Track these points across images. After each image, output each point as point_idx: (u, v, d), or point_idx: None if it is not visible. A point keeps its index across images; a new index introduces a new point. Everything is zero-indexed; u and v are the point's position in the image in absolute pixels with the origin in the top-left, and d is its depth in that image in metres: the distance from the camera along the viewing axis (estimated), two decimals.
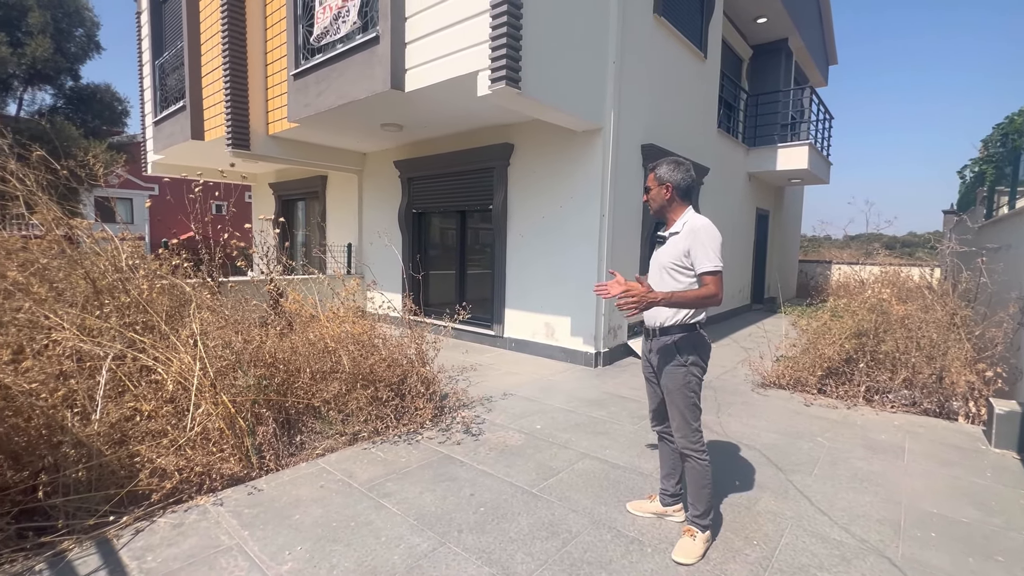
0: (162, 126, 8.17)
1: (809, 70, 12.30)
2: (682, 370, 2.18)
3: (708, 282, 2.06)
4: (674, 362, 2.19)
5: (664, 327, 2.21)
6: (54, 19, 11.08)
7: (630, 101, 5.57)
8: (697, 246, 2.09)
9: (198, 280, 3.94)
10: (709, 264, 2.06)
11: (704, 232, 2.10)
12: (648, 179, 2.31)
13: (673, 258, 2.17)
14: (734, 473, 2.97)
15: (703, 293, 2.05)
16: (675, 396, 2.19)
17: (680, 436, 2.21)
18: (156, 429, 2.70)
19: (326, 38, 5.32)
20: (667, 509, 2.46)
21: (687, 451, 2.21)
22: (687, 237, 2.14)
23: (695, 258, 2.09)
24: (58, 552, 2.03)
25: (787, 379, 4.78)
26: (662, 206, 2.28)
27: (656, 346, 2.25)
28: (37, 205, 3.43)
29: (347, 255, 8.39)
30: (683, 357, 2.18)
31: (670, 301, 2.02)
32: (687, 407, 2.19)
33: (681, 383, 2.18)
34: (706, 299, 2.05)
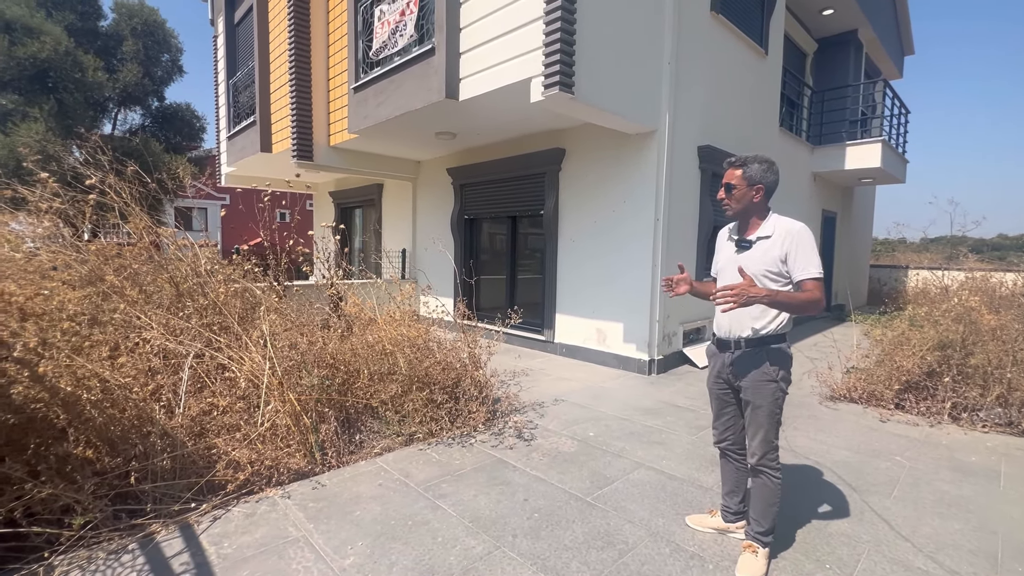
0: (235, 140, 8.77)
1: (882, 62, 11.50)
2: (772, 385, 2.04)
3: (812, 287, 1.93)
4: (765, 376, 2.05)
5: (755, 337, 2.07)
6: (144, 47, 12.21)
7: (686, 102, 5.42)
8: (798, 250, 1.97)
9: (266, 284, 4.19)
10: (813, 269, 1.94)
11: (805, 235, 2.00)
12: (732, 177, 2.12)
13: (766, 265, 2.02)
14: (802, 491, 2.81)
15: (807, 297, 1.92)
16: (761, 412, 2.06)
17: (759, 453, 2.08)
18: (230, 423, 2.89)
19: (384, 52, 5.54)
20: (729, 526, 2.36)
21: (763, 468, 2.09)
22: (783, 242, 2.00)
23: (795, 263, 1.97)
24: (147, 534, 2.20)
25: (860, 392, 4.46)
26: (747, 208, 2.12)
27: (741, 358, 2.11)
28: (131, 215, 3.77)
29: (402, 260, 8.65)
30: (775, 371, 2.04)
31: (773, 300, 1.88)
32: (772, 424, 2.06)
33: (770, 399, 2.04)
34: (810, 304, 1.91)
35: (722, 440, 2.33)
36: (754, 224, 2.13)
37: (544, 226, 6.35)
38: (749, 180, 2.09)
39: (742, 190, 2.10)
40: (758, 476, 2.11)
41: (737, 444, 2.27)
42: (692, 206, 5.78)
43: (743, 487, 2.33)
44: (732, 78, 6.32)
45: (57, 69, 10.47)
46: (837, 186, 10.45)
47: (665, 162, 5.20)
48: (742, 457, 2.26)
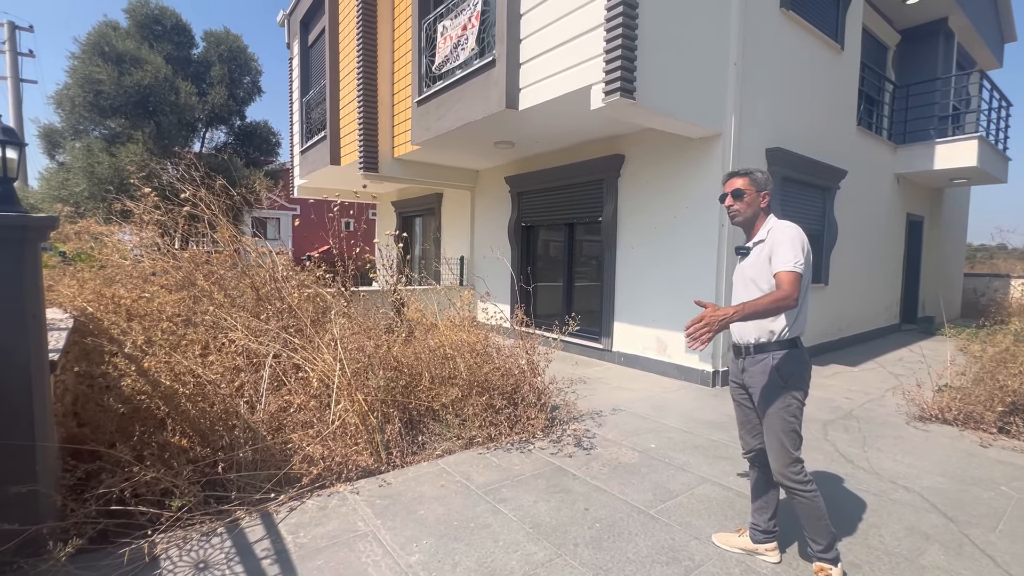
0: (307, 154, 9.35)
1: (977, 51, 10.49)
2: (781, 392, 1.99)
3: (780, 280, 1.87)
4: (773, 383, 2.00)
5: (759, 344, 2.04)
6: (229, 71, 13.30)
7: (753, 103, 5.21)
8: (776, 246, 1.95)
9: (335, 289, 4.41)
10: (783, 264, 1.89)
11: (785, 231, 1.98)
12: (740, 184, 2.12)
13: (759, 268, 2.03)
14: (887, 517, 2.59)
15: (774, 296, 1.85)
16: (773, 420, 2.00)
17: (778, 465, 2.00)
18: (304, 420, 3.06)
19: (446, 66, 5.73)
20: (758, 547, 2.22)
21: (786, 484, 1.99)
22: (770, 241, 2.01)
23: (774, 259, 1.94)
24: (233, 520, 2.38)
25: (955, 413, 4.06)
26: (756, 214, 2.13)
27: (750, 365, 2.07)
28: (218, 225, 4.12)
29: (460, 267, 8.84)
30: (783, 378, 1.99)
31: (743, 314, 1.83)
32: (786, 432, 1.99)
33: (780, 406, 1.99)
34: (778, 302, 1.83)
35: (749, 450, 2.23)
36: (756, 230, 2.13)
37: (602, 233, 6.28)
38: (758, 186, 2.12)
39: (752, 196, 2.12)
40: (790, 496, 2.02)
41: (765, 454, 2.14)
42: None
43: (773, 503, 2.21)
44: (804, 76, 6.00)
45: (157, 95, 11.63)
46: (924, 188, 9.61)
47: (730, 166, 5.00)
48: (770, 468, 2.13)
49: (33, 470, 1.93)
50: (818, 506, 1.98)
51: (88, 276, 3.69)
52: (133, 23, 12.41)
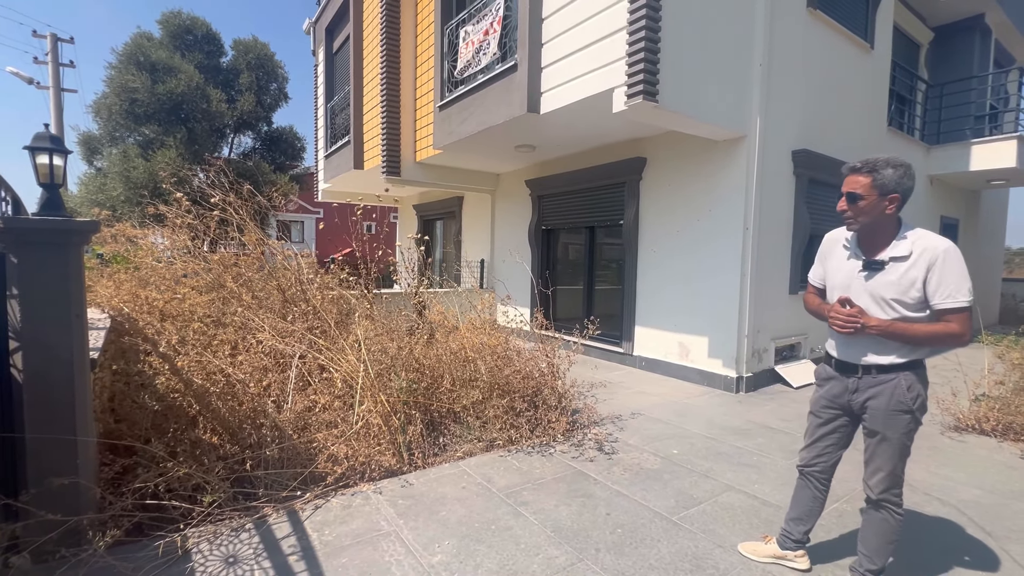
0: (331, 159, 9.54)
1: (1016, 48, 10.10)
2: (907, 416, 1.80)
3: (954, 320, 1.68)
4: (900, 406, 1.79)
5: (886, 365, 1.81)
6: (256, 78, 13.68)
7: (779, 105, 5.11)
8: (943, 274, 1.68)
9: (358, 292, 4.49)
10: (961, 298, 1.66)
11: (953, 255, 1.69)
12: (856, 184, 1.80)
13: (899, 291, 1.75)
14: (922, 531, 2.51)
15: (943, 330, 1.68)
16: (891, 445, 1.84)
17: (885, 487, 1.88)
18: (329, 420, 3.11)
19: (468, 70, 5.78)
20: (787, 553, 2.18)
21: (887, 503, 1.89)
22: (923, 262, 1.71)
23: (935, 288, 1.69)
24: (261, 516, 2.44)
25: (993, 423, 3.91)
26: (876, 222, 1.80)
27: (868, 386, 1.85)
28: (246, 229, 4.23)
29: (480, 270, 8.89)
30: (911, 399, 1.78)
31: (888, 331, 1.71)
32: (901, 458, 1.85)
33: (903, 430, 1.81)
34: (946, 340, 1.66)
35: (811, 465, 2.11)
36: (884, 240, 1.82)
37: (623, 236, 6.24)
38: (881, 189, 1.76)
39: (871, 201, 1.78)
40: (880, 510, 1.91)
41: (826, 472, 2.09)
42: (785, 214, 5.42)
43: (814, 516, 2.15)
44: (832, 77, 5.87)
45: (189, 102, 12.03)
46: (959, 189, 9.29)
47: (756, 169, 4.93)
48: (824, 486, 2.11)
49: (75, 463, 2.01)
50: (898, 530, 1.90)
51: (124, 277, 3.84)
52: (166, 33, 12.87)
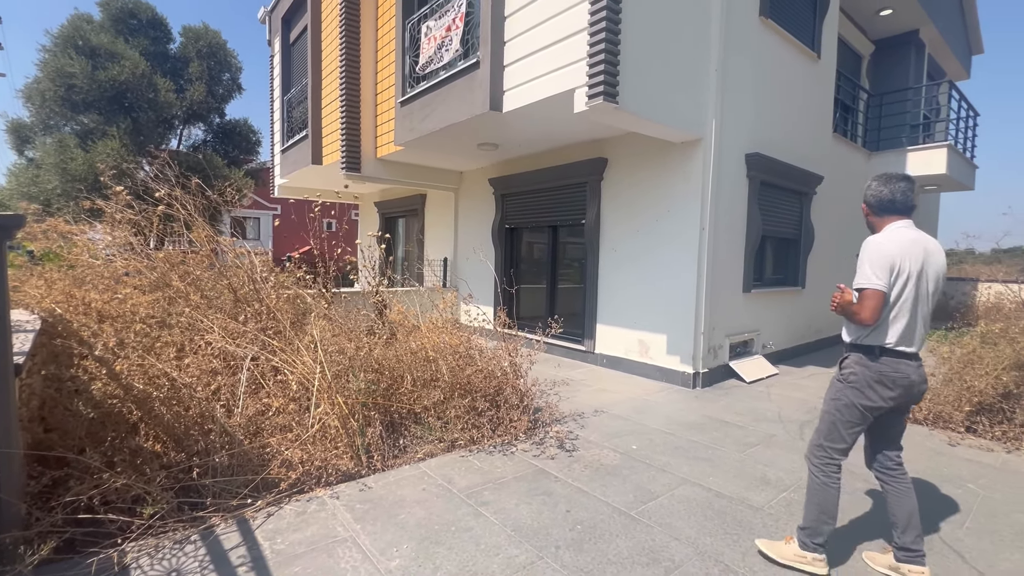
0: (288, 153, 9.22)
1: (947, 62, 10.86)
2: (837, 385, 2.16)
3: (858, 298, 2.04)
4: (836, 375, 2.19)
5: (848, 343, 2.18)
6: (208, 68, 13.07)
7: (734, 109, 5.30)
8: (860, 260, 2.08)
9: (316, 291, 4.36)
10: (861, 280, 2.03)
11: (867, 247, 2.08)
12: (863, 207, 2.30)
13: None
14: (860, 512, 2.65)
15: (851, 307, 2.06)
16: (824, 410, 2.20)
17: (810, 446, 2.22)
18: (283, 424, 3.01)
19: (430, 66, 5.71)
20: (900, 566, 2.10)
21: (809, 462, 2.21)
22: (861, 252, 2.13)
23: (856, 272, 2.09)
24: (208, 526, 2.32)
25: (925, 413, 4.18)
26: (870, 225, 2.25)
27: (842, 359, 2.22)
28: (194, 225, 4.03)
29: (443, 269, 8.81)
30: (846, 375, 2.13)
31: (836, 309, 2.12)
32: (826, 424, 2.16)
33: (831, 397, 2.17)
34: (850, 315, 2.06)
35: (869, 461, 2.28)
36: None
37: (585, 236, 6.32)
38: (866, 204, 2.23)
39: (866, 214, 2.26)
40: (808, 467, 2.23)
41: (879, 463, 2.21)
42: (739, 215, 5.62)
43: (910, 519, 2.09)
44: (782, 84, 6.13)
45: (134, 91, 11.35)
46: None
47: (711, 170, 5.09)
48: (888, 476, 2.18)
49: None
50: (817, 491, 2.14)
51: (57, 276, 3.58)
52: (107, 16, 12.11)
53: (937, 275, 2.07)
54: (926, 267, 2.04)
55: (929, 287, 2.06)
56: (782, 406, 4.64)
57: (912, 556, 2.08)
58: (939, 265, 2.08)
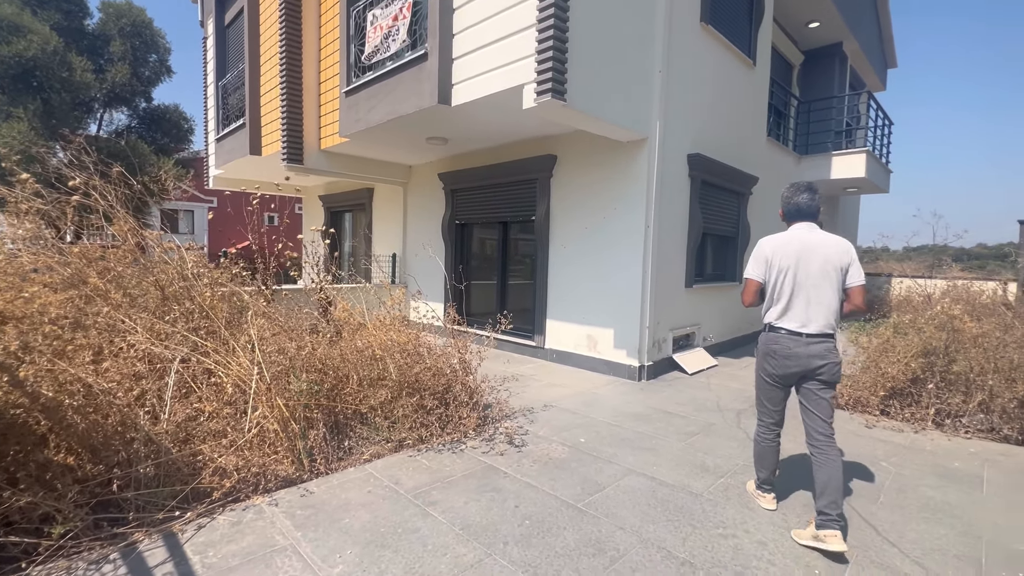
0: (223, 142, 8.69)
1: (866, 74, 11.76)
2: (757, 361, 2.67)
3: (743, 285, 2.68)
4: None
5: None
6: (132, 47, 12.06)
7: (677, 111, 5.49)
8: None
9: (254, 288, 4.14)
10: (745, 272, 2.67)
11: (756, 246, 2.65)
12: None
13: None
14: (792, 495, 2.83)
15: (741, 294, 2.73)
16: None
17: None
18: (217, 429, 2.84)
19: (376, 56, 5.54)
20: (817, 532, 2.29)
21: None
22: None
23: None
24: (130, 543, 2.15)
25: (846, 398, 4.52)
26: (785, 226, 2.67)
27: None
28: (115, 217, 3.71)
29: (392, 265, 8.61)
30: (757, 353, 2.66)
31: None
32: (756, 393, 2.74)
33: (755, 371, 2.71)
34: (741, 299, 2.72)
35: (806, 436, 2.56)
36: None
37: (535, 232, 6.36)
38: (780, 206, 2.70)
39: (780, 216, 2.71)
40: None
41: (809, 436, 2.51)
42: (682, 213, 5.84)
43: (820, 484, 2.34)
44: (721, 88, 6.41)
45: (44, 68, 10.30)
46: (823, 195, 10.58)
47: (656, 170, 5.25)
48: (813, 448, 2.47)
49: None
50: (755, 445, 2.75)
51: None
52: None
53: (823, 264, 2.41)
54: (804, 259, 2.43)
55: (814, 275, 2.41)
56: (721, 396, 4.88)
57: (824, 520, 2.28)
58: (823, 256, 2.41)
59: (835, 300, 2.42)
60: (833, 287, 2.41)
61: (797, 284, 2.43)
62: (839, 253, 2.42)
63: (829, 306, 2.41)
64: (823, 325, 2.40)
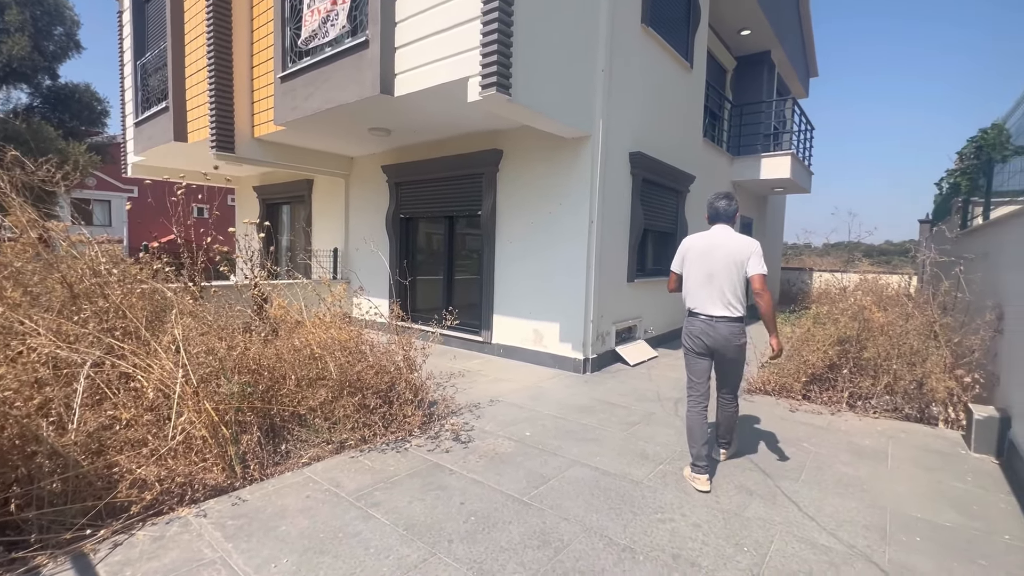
0: (143, 127, 8.02)
1: (791, 82, 12.58)
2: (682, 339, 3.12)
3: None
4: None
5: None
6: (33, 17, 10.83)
7: (619, 109, 5.62)
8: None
9: (180, 285, 3.86)
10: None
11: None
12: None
13: None
14: (724, 480, 2.99)
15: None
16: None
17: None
18: (136, 438, 2.62)
19: (314, 41, 5.28)
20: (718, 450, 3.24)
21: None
22: None
23: None
24: (31, 568, 1.94)
25: (773, 385, 4.83)
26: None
27: None
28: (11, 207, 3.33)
29: (333, 260, 8.30)
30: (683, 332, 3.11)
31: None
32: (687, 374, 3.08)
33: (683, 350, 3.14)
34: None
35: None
36: None
37: (482, 227, 6.34)
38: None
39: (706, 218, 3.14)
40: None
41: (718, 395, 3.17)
42: (624, 210, 6.00)
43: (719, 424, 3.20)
44: (660, 89, 6.64)
45: None
46: (754, 194, 11.28)
47: (599, 167, 5.36)
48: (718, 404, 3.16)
49: None
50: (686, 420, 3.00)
51: None
52: None
53: (725, 259, 2.87)
54: (711, 255, 2.91)
55: (717, 267, 2.87)
56: (660, 386, 5.08)
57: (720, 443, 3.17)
58: (726, 252, 2.89)
59: (737, 288, 2.87)
60: (734, 278, 2.86)
61: (704, 275, 2.92)
62: (740, 249, 2.87)
63: (732, 293, 2.87)
64: (726, 309, 2.87)
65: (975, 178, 6.21)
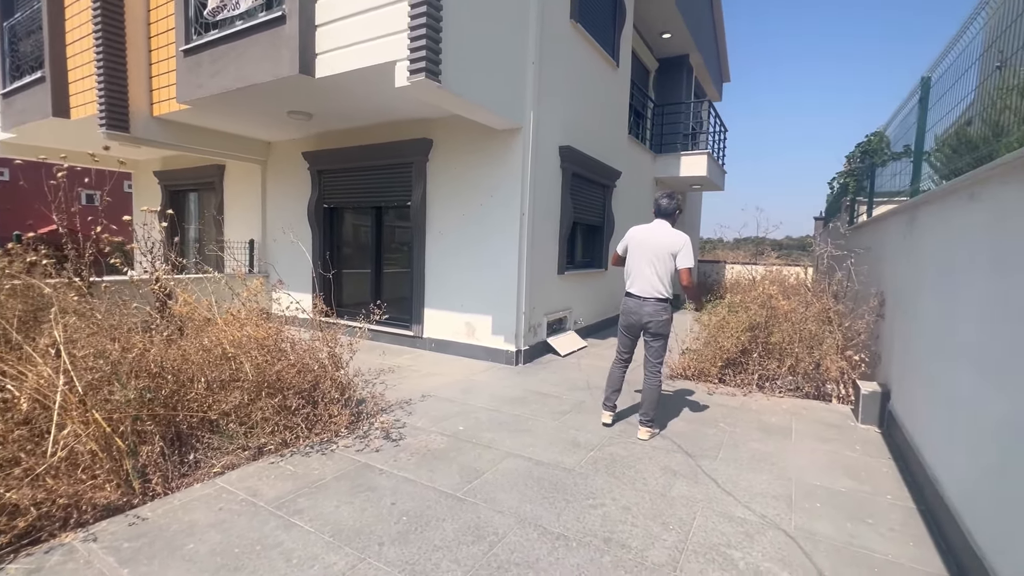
0: (13, 100, 6.95)
1: (707, 85, 13.38)
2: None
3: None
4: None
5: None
6: None
7: (549, 103, 5.67)
8: None
9: (61, 280, 3.39)
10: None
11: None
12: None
13: None
14: (650, 462, 3.12)
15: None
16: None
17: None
18: (5, 457, 2.26)
19: (223, 12, 4.83)
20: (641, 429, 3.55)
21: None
22: None
23: None
24: None
25: (692, 371, 5.13)
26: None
27: None
28: None
29: (249, 252, 7.71)
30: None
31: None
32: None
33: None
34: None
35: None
36: None
37: (412, 218, 6.16)
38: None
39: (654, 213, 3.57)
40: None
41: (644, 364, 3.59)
42: (554, 202, 6.08)
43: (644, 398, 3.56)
44: (589, 85, 6.78)
45: None
46: (674, 190, 11.91)
47: (530, 159, 5.38)
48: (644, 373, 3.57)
49: None
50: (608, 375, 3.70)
51: None
52: None
53: (657, 249, 3.37)
54: (645, 243, 3.42)
55: (652, 256, 3.37)
56: (590, 375, 5.22)
57: (642, 420, 3.51)
58: (659, 243, 3.37)
59: (665, 275, 3.38)
60: (663, 265, 3.36)
61: (638, 261, 3.43)
62: (672, 243, 3.36)
63: (660, 279, 3.37)
64: (652, 291, 3.39)
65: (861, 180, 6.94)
